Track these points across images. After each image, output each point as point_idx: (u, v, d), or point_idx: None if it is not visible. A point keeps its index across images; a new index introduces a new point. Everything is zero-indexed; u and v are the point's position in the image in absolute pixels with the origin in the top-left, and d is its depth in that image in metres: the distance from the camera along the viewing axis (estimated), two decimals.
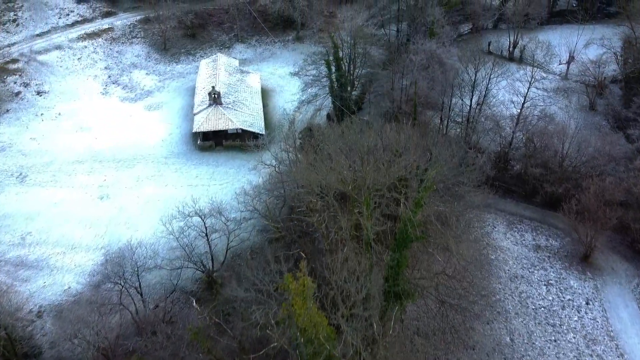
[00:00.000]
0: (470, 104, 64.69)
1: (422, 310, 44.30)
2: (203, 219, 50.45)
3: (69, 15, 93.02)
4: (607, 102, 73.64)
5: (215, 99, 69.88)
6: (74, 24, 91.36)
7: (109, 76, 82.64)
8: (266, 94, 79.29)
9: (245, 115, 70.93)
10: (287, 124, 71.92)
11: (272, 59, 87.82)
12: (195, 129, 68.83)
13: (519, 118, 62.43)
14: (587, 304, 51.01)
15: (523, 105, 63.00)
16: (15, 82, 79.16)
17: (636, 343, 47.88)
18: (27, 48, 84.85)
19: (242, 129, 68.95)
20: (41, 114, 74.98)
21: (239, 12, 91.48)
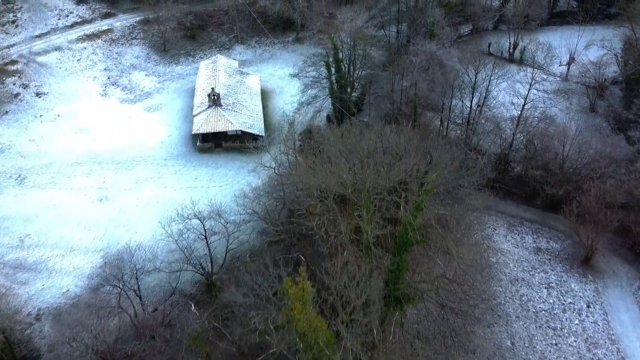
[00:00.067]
0: (471, 105, 64.53)
1: (423, 314, 44.06)
2: (202, 221, 50.27)
3: (68, 16, 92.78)
4: (608, 103, 73.46)
5: (214, 100, 69.67)
6: (73, 25, 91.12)
7: (109, 77, 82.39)
8: (266, 95, 79.06)
9: (245, 117, 70.73)
10: (286, 125, 71.74)
11: (271, 60, 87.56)
12: (194, 130, 68.63)
13: (520, 120, 62.25)
14: (588, 307, 50.80)
15: (523, 107, 62.83)
16: (15, 84, 78.93)
17: (637, 347, 47.70)
18: (26, 49, 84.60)
19: (241, 130, 68.73)
20: (40, 116, 74.76)
21: (238, 13, 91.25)
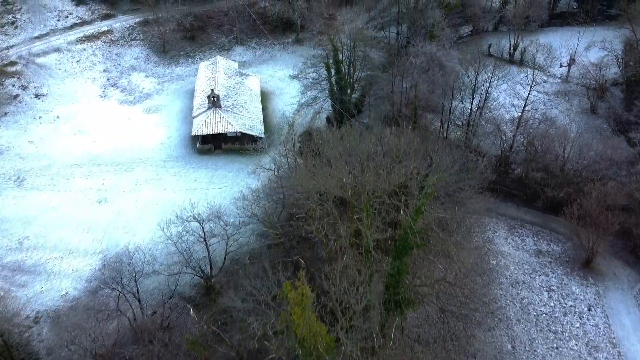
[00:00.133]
0: (471, 107, 64.32)
1: (423, 317, 43.83)
2: (201, 224, 50.05)
3: (67, 17, 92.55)
4: (609, 105, 73.24)
5: (214, 102, 69.45)
6: (72, 27, 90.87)
7: (108, 79, 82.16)
8: (265, 96, 78.84)
9: (245, 119, 70.52)
10: (286, 127, 71.56)
11: (271, 61, 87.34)
12: (194, 132, 68.40)
13: (520, 121, 62.02)
14: (589, 310, 50.53)
15: (524, 108, 62.59)
16: (14, 85, 78.71)
17: (639, 350, 47.41)
18: (25, 51, 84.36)
19: (241, 132, 68.53)
20: (39, 117, 74.54)
21: (238, 14, 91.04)
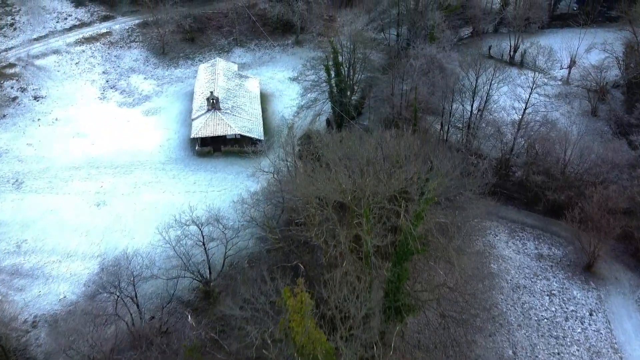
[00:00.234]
0: (471, 109, 64.01)
1: (423, 323, 43.49)
2: (200, 227, 49.72)
3: (66, 19, 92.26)
4: (609, 107, 72.95)
5: (213, 104, 69.15)
6: (71, 28, 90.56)
7: (107, 81, 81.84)
8: (265, 98, 78.54)
9: (244, 121, 70.21)
10: (286, 129, 71.22)
11: (271, 63, 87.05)
12: (193, 134, 68.09)
13: (521, 124, 61.73)
14: (591, 315, 50.18)
15: (524, 111, 62.31)
16: (12, 87, 78.43)
17: None
18: (24, 52, 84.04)
19: (240, 134, 68.24)
20: (38, 119, 74.24)
21: (238, 16, 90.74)
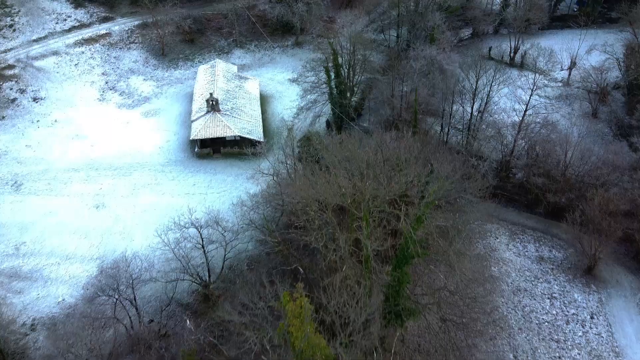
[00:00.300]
0: (472, 111, 63.81)
1: (424, 327, 43.23)
2: (199, 230, 49.53)
3: (66, 20, 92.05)
4: (610, 109, 72.78)
5: (213, 105, 68.94)
6: (71, 29, 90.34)
7: (106, 82, 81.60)
8: (265, 100, 78.35)
9: (244, 122, 70.02)
10: (286, 131, 70.96)
11: (271, 64, 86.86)
12: (192, 136, 67.89)
13: (521, 126, 61.54)
14: (592, 318, 49.94)
15: (525, 112, 62.11)
16: (12, 89, 78.23)
17: None
18: (23, 54, 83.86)
19: (240, 136, 68.05)
20: (37, 121, 74.05)
21: (237, 17, 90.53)
